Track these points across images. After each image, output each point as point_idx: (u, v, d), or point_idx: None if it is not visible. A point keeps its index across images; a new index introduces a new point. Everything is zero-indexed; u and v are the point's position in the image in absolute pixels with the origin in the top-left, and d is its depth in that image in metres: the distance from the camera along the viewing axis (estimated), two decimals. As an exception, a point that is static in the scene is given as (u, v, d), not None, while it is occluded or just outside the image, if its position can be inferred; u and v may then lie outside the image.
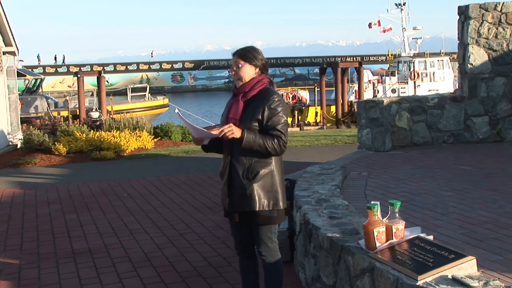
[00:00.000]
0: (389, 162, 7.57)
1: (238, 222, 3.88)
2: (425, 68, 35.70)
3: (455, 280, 2.94)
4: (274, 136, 3.69)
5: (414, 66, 34.85)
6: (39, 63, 67.63)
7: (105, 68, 59.65)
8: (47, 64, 67.53)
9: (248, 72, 3.78)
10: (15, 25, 17.54)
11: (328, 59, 58.50)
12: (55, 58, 71.71)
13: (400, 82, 34.60)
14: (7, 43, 16.81)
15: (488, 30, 8.75)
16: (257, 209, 3.72)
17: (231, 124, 3.64)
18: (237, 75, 3.79)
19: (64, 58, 72.04)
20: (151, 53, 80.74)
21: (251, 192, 3.71)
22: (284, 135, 3.72)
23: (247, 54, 3.79)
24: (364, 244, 3.50)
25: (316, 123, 30.40)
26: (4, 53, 16.64)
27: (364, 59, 59.39)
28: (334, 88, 31.04)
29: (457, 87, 22.51)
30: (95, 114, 22.95)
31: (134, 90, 33.99)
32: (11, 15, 17.16)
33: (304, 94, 31.95)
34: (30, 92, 29.83)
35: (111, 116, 19.75)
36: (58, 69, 65.57)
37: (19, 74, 24.65)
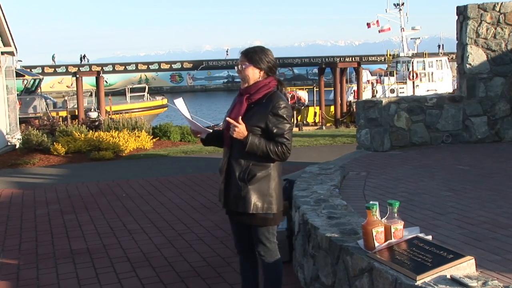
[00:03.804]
0: (387, 162, 7.58)
1: (237, 220, 3.88)
2: (424, 68, 35.69)
3: (453, 280, 2.94)
4: (279, 143, 3.68)
5: (412, 66, 34.87)
6: (53, 63, 67.46)
7: (103, 68, 59.62)
8: (66, 63, 67.28)
9: (252, 74, 3.74)
10: (13, 25, 17.50)
11: (326, 59, 58.49)
12: (81, 57, 71.08)
13: (399, 82, 34.59)
14: (5, 43, 16.78)
15: (487, 30, 8.76)
16: (250, 211, 3.71)
17: (243, 124, 3.62)
18: (241, 75, 3.78)
19: (82, 56, 71.66)
20: (226, 51, 79.20)
21: (245, 194, 3.70)
22: (288, 142, 3.72)
23: (252, 55, 3.73)
24: (363, 244, 3.50)
25: (315, 123, 30.37)
26: (2, 53, 16.62)
27: (363, 59, 59.39)
28: (333, 88, 31.02)
29: (455, 87, 22.54)
30: (93, 114, 22.87)
31: (132, 90, 33.93)
32: (10, 16, 17.14)
33: (303, 94, 31.90)
34: (28, 92, 29.77)
35: (109, 116, 19.71)
36: (56, 69, 65.51)
37: (18, 74, 24.62)
